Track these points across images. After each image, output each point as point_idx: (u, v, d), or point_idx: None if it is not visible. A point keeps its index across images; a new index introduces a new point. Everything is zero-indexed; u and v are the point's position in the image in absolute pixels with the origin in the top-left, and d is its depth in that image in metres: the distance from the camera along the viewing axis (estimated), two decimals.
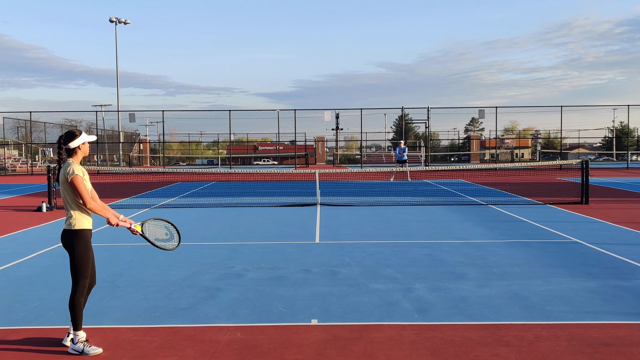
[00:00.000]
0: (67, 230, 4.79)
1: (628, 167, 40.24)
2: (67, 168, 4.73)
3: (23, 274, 7.61)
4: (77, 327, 4.76)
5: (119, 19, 45.78)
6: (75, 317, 4.76)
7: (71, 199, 4.76)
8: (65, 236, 4.82)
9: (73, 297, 4.77)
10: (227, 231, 11.22)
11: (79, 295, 4.77)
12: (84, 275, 4.80)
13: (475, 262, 8.07)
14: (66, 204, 4.82)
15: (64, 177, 4.72)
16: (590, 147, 79.65)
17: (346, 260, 8.23)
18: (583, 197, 15.25)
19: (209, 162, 69.15)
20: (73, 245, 4.77)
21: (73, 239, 4.77)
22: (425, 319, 5.56)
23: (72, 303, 4.76)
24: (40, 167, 43.30)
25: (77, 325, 4.76)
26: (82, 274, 4.79)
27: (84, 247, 4.80)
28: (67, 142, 4.79)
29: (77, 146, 4.82)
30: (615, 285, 6.70)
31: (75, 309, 4.75)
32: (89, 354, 4.70)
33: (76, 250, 4.76)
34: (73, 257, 4.78)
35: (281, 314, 5.73)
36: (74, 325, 4.77)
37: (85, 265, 4.80)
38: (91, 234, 4.95)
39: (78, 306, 4.76)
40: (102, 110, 63.26)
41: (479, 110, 38.02)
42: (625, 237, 10.14)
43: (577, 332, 5.14)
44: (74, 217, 4.77)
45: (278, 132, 40.38)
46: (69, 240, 4.78)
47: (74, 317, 4.76)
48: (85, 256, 4.80)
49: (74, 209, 4.78)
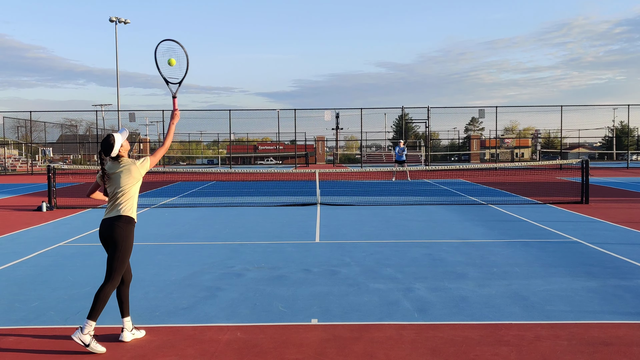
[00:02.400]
0: (122, 217, 4.86)
1: (628, 166, 40.25)
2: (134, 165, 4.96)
3: (23, 273, 7.61)
4: (95, 316, 4.74)
5: (119, 18, 45.79)
6: (97, 307, 4.73)
7: (134, 189, 4.96)
8: (118, 223, 4.85)
9: (104, 287, 4.79)
10: (227, 231, 11.22)
11: (111, 287, 4.81)
12: (123, 267, 4.86)
13: (475, 261, 8.07)
14: (124, 196, 4.91)
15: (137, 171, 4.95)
16: (590, 146, 79.65)
17: (346, 260, 8.23)
18: (583, 196, 15.25)
19: (209, 161, 69.14)
20: (124, 233, 4.83)
21: (124, 227, 4.85)
22: (426, 318, 5.56)
23: (102, 292, 4.76)
24: (40, 166, 43.30)
25: (96, 315, 4.74)
26: (123, 264, 4.86)
27: (132, 236, 4.92)
28: (108, 154, 4.94)
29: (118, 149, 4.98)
30: (616, 285, 6.70)
31: (103, 299, 4.75)
32: (94, 349, 4.71)
33: (125, 238, 4.84)
34: (118, 247, 4.83)
35: (281, 314, 5.73)
36: (92, 314, 4.73)
37: (128, 256, 4.91)
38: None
39: (106, 297, 4.78)
40: (102, 110, 63.27)
41: (479, 110, 37.98)
42: (626, 236, 10.14)
43: (577, 331, 5.14)
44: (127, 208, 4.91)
45: (278, 132, 40.35)
46: (120, 227, 4.83)
47: (96, 306, 4.73)
48: (130, 246, 4.91)
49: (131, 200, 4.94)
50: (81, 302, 6.18)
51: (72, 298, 6.36)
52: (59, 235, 10.79)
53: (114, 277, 4.82)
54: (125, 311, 5.04)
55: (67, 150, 62.22)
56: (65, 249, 9.40)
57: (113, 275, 4.82)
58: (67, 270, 7.78)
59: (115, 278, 4.83)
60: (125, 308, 5.04)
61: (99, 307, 4.75)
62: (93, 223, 12.28)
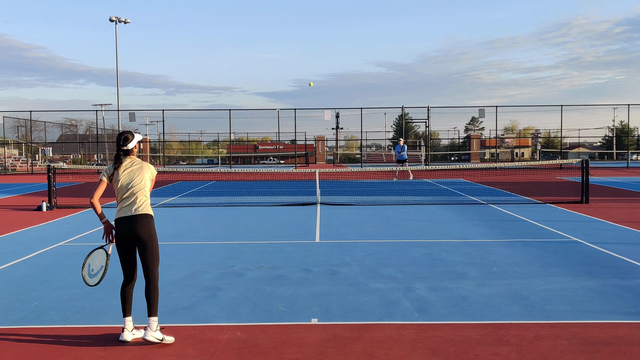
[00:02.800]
0: (148, 215, 5.01)
1: (628, 166, 40.26)
2: (147, 165, 5.18)
3: (23, 273, 7.61)
4: (156, 311, 4.94)
5: (119, 18, 45.79)
6: (155, 302, 4.94)
7: (149, 188, 5.15)
8: (146, 220, 4.98)
9: (156, 283, 4.98)
10: (227, 230, 11.22)
11: (157, 280, 5.00)
12: (159, 260, 5.06)
13: (475, 261, 8.07)
14: (141, 193, 5.05)
15: (150, 171, 5.17)
16: (590, 146, 79.65)
17: (346, 260, 8.23)
18: (583, 196, 15.25)
19: (209, 161, 69.14)
20: (152, 230, 5.00)
21: (152, 224, 5.02)
22: (426, 318, 5.56)
23: (156, 289, 4.97)
24: (40, 166, 43.29)
25: (156, 310, 4.95)
26: (158, 257, 5.05)
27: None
28: (125, 144, 5.11)
29: (134, 145, 5.17)
30: (616, 285, 6.70)
31: (157, 292, 4.98)
32: (167, 341, 4.90)
33: (154, 234, 5.01)
34: (152, 243, 4.98)
35: (281, 313, 5.73)
36: (153, 311, 4.92)
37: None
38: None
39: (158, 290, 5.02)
40: (102, 109, 63.21)
41: (479, 109, 37.95)
42: (626, 236, 10.14)
43: (577, 331, 5.14)
44: (148, 205, 5.07)
45: (278, 132, 40.35)
46: (149, 225, 4.98)
47: (154, 302, 4.93)
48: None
49: (148, 197, 5.12)
50: (81, 302, 6.18)
51: (72, 298, 6.36)
52: (59, 235, 10.79)
53: (156, 270, 5.00)
54: (127, 310, 5.06)
55: (67, 150, 62.26)
56: (65, 248, 9.40)
57: (154, 269, 4.99)
58: (67, 270, 7.78)
59: (157, 271, 5.02)
60: (128, 307, 5.07)
61: (156, 302, 4.94)
62: (93, 223, 12.28)
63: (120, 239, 5.00)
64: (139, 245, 4.97)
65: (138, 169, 5.10)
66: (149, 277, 4.97)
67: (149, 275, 4.97)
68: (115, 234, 5.02)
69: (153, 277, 4.97)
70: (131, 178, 5.05)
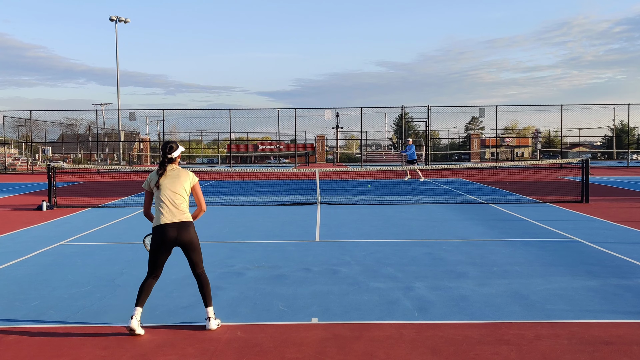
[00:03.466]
0: (189, 222, 5.33)
1: (628, 166, 40.25)
2: (189, 173, 5.47)
3: (23, 272, 7.61)
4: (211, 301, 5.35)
5: (119, 17, 45.77)
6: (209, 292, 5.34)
7: (187, 196, 5.41)
8: (188, 226, 5.30)
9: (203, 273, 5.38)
10: (227, 230, 11.22)
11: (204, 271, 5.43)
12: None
13: (475, 260, 8.07)
14: (181, 200, 5.33)
15: (188, 179, 5.42)
16: (591, 145, 79.62)
17: (346, 259, 8.23)
18: (583, 195, 15.25)
19: (209, 160, 69.15)
20: (195, 232, 5.35)
21: (192, 228, 5.34)
22: (426, 317, 5.56)
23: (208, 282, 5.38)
24: (40, 166, 43.30)
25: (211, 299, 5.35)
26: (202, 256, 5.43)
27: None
28: (170, 152, 5.43)
29: (178, 155, 5.49)
30: (616, 284, 6.70)
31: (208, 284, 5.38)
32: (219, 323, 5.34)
33: (196, 236, 5.35)
34: (198, 244, 5.35)
35: (281, 313, 5.73)
36: (208, 301, 5.31)
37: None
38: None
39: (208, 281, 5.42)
40: (102, 109, 63.15)
41: (479, 109, 37.92)
42: (626, 235, 10.14)
43: (578, 330, 5.14)
44: (187, 212, 5.39)
45: (278, 131, 40.31)
46: (191, 230, 5.31)
47: (208, 292, 5.33)
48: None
49: (185, 205, 5.38)
50: (81, 301, 6.18)
51: (72, 297, 6.36)
52: (59, 234, 10.79)
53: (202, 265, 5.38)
54: (142, 302, 5.21)
55: (67, 149, 62.22)
56: (65, 248, 9.40)
57: (201, 265, 5.37)
58: (67, 269, 7.78)
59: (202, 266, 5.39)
60: (143, 299, 5.23)
61: (210, 292, 5.34)
62: (93, 222, 12.29)
63: (159, 243, 5.23)
64: (185, 249, 5.30)
65: (177, 176, 5.38)
66: (199, 274, 5.33)
67: (200, 272, 5.34)
68: (154, 239, 5.28)
69: (203, 273, 5.36)
70: (172, 185, 5.34)
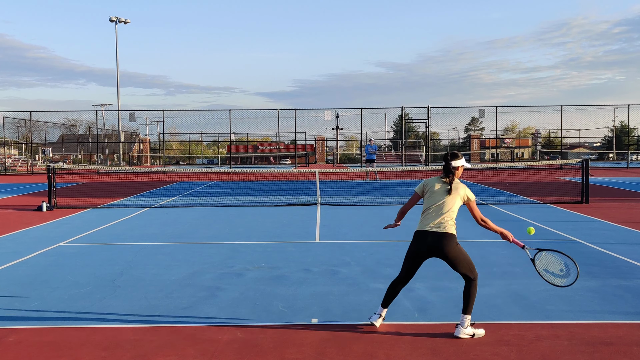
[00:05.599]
0: (451, 234, 5.14)
1: (628, 166, 40.25)
2: (463, 187, 5.28)
3: (23, 273, 7.61)
4: (471, 310, 5.11)
5: (119, 18, 45.83)
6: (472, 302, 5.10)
7: (457, 210, 5.24)
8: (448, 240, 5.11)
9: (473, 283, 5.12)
10: (227, 231, 11.22)
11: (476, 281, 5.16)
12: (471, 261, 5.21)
13: (475, 261, 7.99)
14: (449, 213, 5.19)
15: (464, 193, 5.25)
16: (591, 146, 79.61)
17: (346, 260, 8.23)
18: (583, 196, 15.25)
19: (209, 161, 69.15)
20: (458, 245, 5.16)
21: (454, 242, 5.14)
22: (425, 318, 5.56)
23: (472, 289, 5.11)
24: (40, 166, 43.28)
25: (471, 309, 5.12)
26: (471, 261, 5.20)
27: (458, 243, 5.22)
28: (453, 159, 5.28)
29: (458, 166, 5.28)
30: (616, 285, 6.70)
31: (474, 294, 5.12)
32: (478, 334, 5.05)
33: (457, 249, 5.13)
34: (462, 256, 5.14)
35: (281, 313, 5.73)
36: (468, 309, 5.08)
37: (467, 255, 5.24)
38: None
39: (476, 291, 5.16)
40: (102, 109, 63.18)
41: (479, 109, 37.95)
42: (626, 236, 10.13)
43: (578, 331, 5.14)
44: (451, 225, 5.17)
45: (278, 132, 40.33)
46: (452, 244, 5.12)
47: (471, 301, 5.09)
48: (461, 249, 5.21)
49: (453, 218, 5.21)
50: (81, 302, 6.18)
51: (72, 298, 6.36)
52: (59, 235, 10.79)
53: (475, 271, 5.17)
54: (388, 303, 5.29)
55: (67, 150, 62.26)
56: (65, 248, 9.40)
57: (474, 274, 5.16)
58: (67, 270, 7.78)
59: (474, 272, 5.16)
60: (389, 300, 5.28)
61: (472, 301, 5.10)
62: (93, 223, 12.29)
63: (416, 250, 5.20)
64: (448, 261, 5.14)
65: (454, 189, 5.22)
66: (470, 280, 5.14)
67: (466, 276, 5.14)
68: (412, 243, 5.27)
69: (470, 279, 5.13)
70: (443, 196, 5.23)
